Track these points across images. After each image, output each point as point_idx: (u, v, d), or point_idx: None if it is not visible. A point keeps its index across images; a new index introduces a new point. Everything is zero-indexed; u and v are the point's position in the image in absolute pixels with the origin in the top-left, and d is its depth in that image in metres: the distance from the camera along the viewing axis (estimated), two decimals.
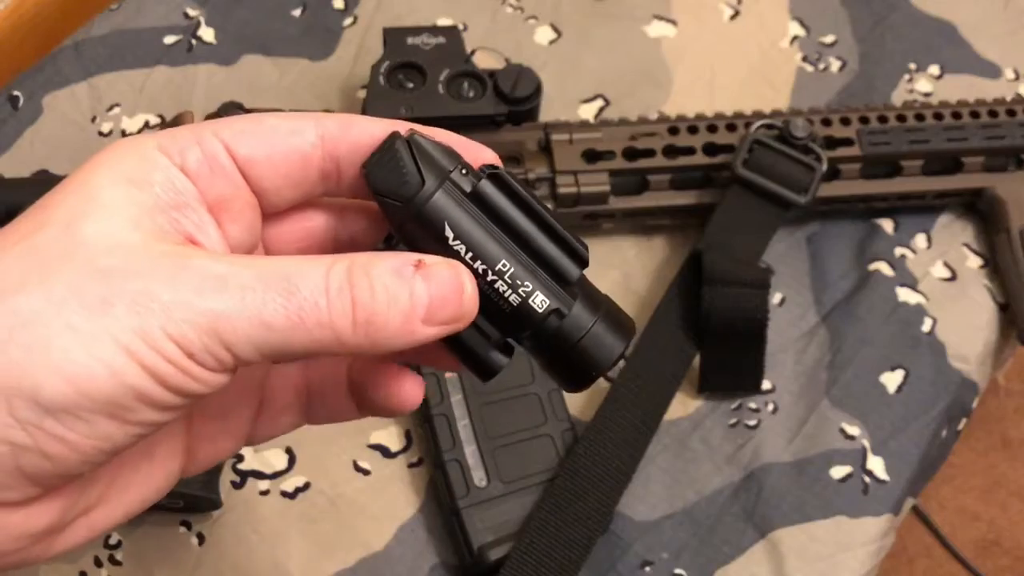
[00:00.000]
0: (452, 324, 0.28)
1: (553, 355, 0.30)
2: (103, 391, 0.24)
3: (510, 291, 0.29)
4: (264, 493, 0.52)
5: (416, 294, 0.27)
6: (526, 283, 0.29)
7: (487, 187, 0.29)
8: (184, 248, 0.27)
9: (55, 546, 0.28)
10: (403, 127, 0.30)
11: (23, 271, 0.25)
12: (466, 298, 0.28)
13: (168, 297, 0.25)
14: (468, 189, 0.29)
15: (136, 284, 0.25)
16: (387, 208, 0.29)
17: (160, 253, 0.26)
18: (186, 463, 0.32)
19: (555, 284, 0.29)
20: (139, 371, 0.24)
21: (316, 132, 0.29)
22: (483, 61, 0.64)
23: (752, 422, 0.55)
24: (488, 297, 0.29)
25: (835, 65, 0.67)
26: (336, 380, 0.34)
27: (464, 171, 0.29)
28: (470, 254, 0.29)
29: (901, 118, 0.59)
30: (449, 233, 0.28)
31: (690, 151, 0.57)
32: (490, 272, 0.29)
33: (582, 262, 0.30)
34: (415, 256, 0.28)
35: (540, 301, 0.29)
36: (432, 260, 0.28)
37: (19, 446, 0.24)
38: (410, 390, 0.31)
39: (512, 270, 0.29)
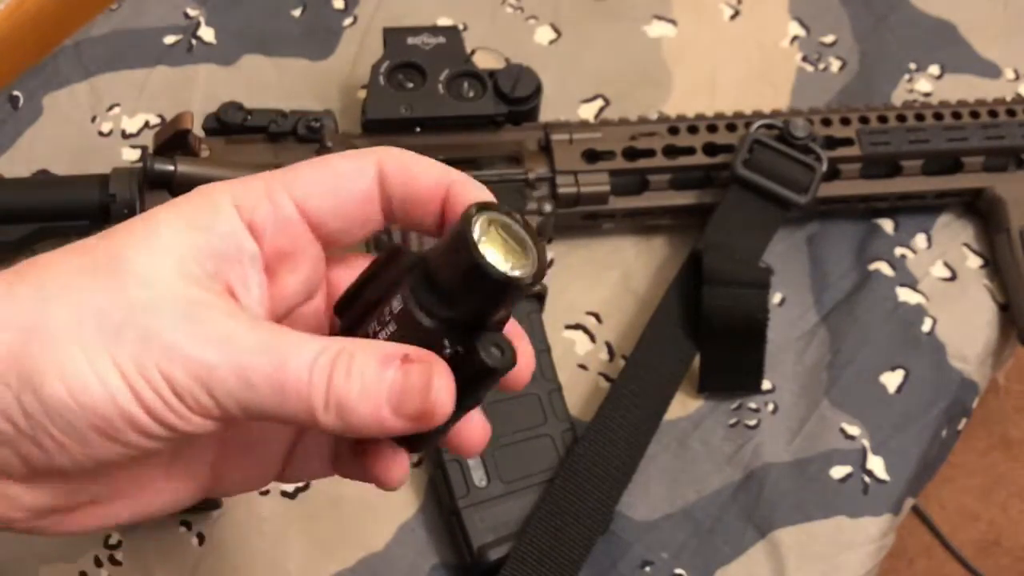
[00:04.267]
0: (418, 421, 0.29)
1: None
2: (93, 403, 0.27)
3: None
4: (264, 493, 0.52)
5: (390, 384, 0.28)
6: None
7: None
8: (211, 298, 0.29)
9: (66, 523, 0.31)
10: (454, 174, 0.31)
11: (67, 283, 0.28)
12: (433, 395, 0.28)
13: (170, 339, 0.27)
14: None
15: (150, 320, 0.27)
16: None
17: (185, 298, 0.28)
18: (211, 484, 0.34)
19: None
20: (129, 394, 0.27)
21: (375, 170, 0.31)
22: (483, 61, 0.64)
23: (752, 422, 0.55)
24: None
25: (835, 65, 0.67)
26: (319, 438, 0.35)
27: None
28: None
29: (901, 118, 0.59)
30: None
31: (690, 151, 0.57)
32: None
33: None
34: (404, 350, 0.29)
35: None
36: (417, 356, 0.29)
37: (20, 430, 0.27)
38: (395, 470, 0.32)
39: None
